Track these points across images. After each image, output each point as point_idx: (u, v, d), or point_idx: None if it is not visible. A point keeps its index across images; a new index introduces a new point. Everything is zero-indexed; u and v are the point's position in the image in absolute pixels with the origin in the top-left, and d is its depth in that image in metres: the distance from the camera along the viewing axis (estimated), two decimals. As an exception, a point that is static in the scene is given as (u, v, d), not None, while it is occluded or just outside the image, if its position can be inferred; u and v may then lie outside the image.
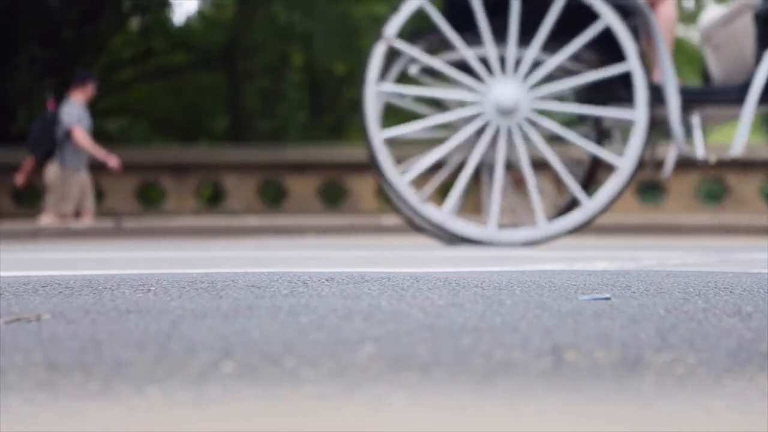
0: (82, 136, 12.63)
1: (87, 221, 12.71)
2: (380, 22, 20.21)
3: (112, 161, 12.84)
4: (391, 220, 12.10)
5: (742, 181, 14.58)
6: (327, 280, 2.77)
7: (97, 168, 14.69)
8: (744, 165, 14.56)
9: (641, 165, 6.65)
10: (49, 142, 12.73)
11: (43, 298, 2.46)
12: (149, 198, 15.73)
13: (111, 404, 1.49)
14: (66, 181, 12.65)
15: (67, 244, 9.55)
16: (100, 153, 12.86)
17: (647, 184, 15.44)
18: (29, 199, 15.27)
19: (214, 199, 16.27)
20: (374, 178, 14.80)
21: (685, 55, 20.62)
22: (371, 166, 6.71)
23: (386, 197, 8.32)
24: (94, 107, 20.45)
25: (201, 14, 21.70)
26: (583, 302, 2.31)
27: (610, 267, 4.48)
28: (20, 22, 17.41)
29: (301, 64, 20.44)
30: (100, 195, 14.69)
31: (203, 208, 15.15)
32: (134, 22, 20.93)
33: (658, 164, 7.24)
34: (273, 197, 15.20)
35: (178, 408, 1.47)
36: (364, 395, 1.52)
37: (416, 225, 7.14)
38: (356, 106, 20.72)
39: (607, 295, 2.44)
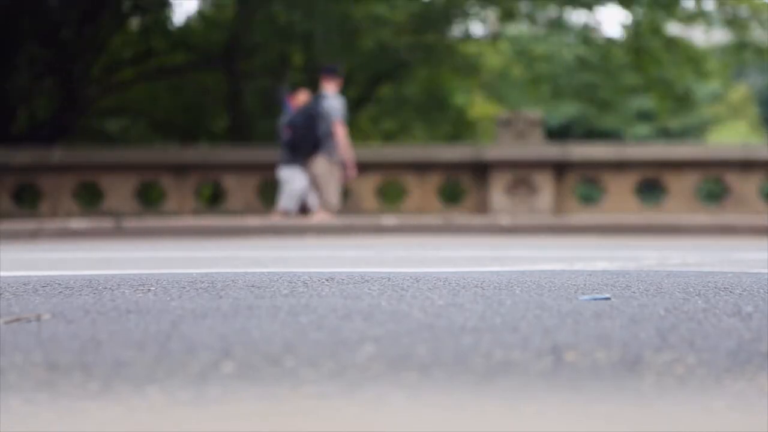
0: (342, 131, 12.51)
1: (322, 217, 12.67)
2: (380, 22, 20.21)
3: (351, 172, 12.95)
4: (391, 220, 12.10)
5: (742, 181, 14.58)
6: (327, 280, 2.77)
7: (96, 168, 14.68)
8: (744, 165, 14.55)
9: None
10: (313, 136, 12.52)
11: (43, 298, 2.46)
12: (149, 198, 15.72)
13: (111, 404, 1.49)
14: (333, 174, 12.61)
15: (67, 244, 9.54)
16: (347, 153, 12.97)
17: (647, 185, 15.44)
18: (29, 199, 15.26)
19: (214, 199, 16.26)
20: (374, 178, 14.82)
21: (685, 54, 20.59)
22: None
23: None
24: (94, 107, 20.46)
25: (201, 14, 21.68)
26: (583, 302, 2.31)
27: (610, 267, 4.48)
28: (20, 22, 17.40)
29: (301, 64, 20.43)
30: (100, 195, 14.69)
31: (203, 208, 15.14)
32: (134, 22, 20.92)
33: None
34: (273, 197, 15.20)
35: (178, 408, 1.47)
36: (364, 395, 1.52)
37: None
38: (357, 106, 20.58)
39: (607, 295, 2.44)
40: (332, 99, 12.68)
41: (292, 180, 12.99)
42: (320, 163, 12.70)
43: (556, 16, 20.76)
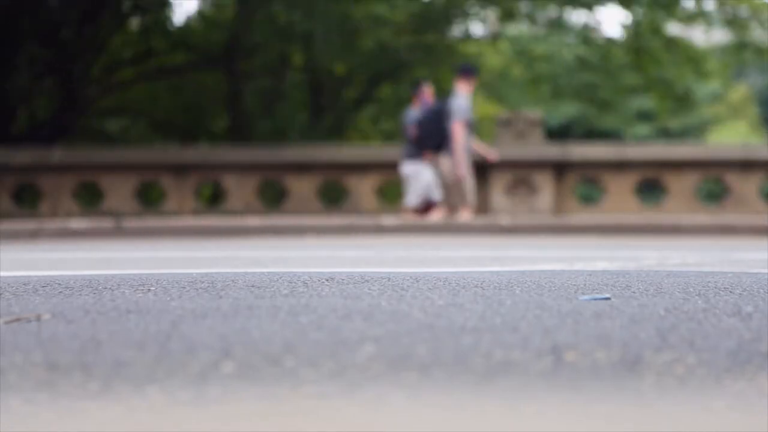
0: (461, 132, 12.49)
1: (439, 215, 12.65)
2: (380, 22, 20.19)
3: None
4: (391, 220, 12.10)
5: (742, 181, 14.58)
6: (327, 280, 2.77)
7: (96, 168, 14.68)
8: (744, 165, 14.55)
9: None
10: (440, 134, 12.49)
11: (43, 298, 2.46)
12: (149, 198, 15.72)
13: (111, 404, 1.49)
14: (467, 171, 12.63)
15: (67, 244, 9.54)
16: (480, 150, 12.99)
17: (647, 185, 15.44)
18: (29, 199, 15.26)
19: (214, 199, 16.25)
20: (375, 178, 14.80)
21: (685, 54, 20.59)
22: None
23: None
24: (94, 107, 20.45)
25: (201, 14, 21.68)
26: (583, 302, 2.31)
27: (610, 267, 4.48)
28: (20, 21, 17.40)
29: (301, 64, 20.43)
30: (100, 195, 14.69)
31: (203, 208, 15.14)
32: (134, 22, 20.92)
33: None
34: (273, 197, 15.20)
35: (178, 408, 1.47)
36: (364, 395, 1.52)
37: None
38: (355, 106, 20.60)
39: (607, 295, 2.44)
40: (461, 99, 12.63)
41: (418, 175, 12.94)
42: (447, 162, 12.68)
43: (556, 16, 20.76)
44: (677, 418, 1.40)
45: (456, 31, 21.46)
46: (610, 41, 21.53)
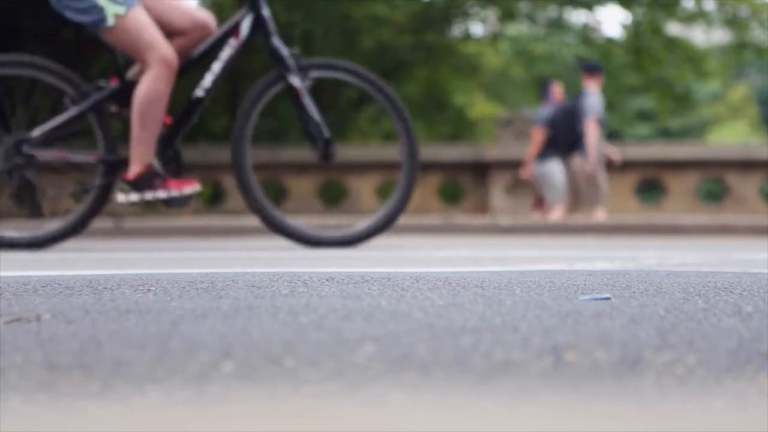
0: (594, 131, 12.51)
1: (557, 215, 12.65)
2: (380, 22, 20.17)
3: (616, 156, 13.03)
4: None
5: (742, 181, 14.58)
6: (327, 280, 2.77)
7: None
8: (744, 165, 14.56)
9: None
10: (572, 133, 12.51)
11: (43, 298, 2.46)
12: (149, 198, 15.71)
13: (111, 404, 1.49)
14: (600, 170, 12.65)
15: (67, 244, 9.54)
16: (610, 149, 13.02)
17: (647, 184, 15.44)
18: (29, 199, 15.24)
19: (214, 199, 16.26)
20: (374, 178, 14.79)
21: (685, 54, 20.59)
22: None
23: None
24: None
25: (201, 14, 21.71)
26: (583, 302, 2.31)
27: (610, 267, 4.48)
28: (20, 22, 17.40)
29: (301, 64, 20.47)
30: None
31: (203, 208, 15.14)
32: (134, 22, 20.92)
33: None
34: (273, 197, 15.21)
35: (178, 408, 1.47)
36: (364, 395, 1.52)
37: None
38: (355, 106, 20.57)
39: (607, 295, 2.44)
40: (593, 97, 12.65)
41: (552, 174, 12.93)
42: (579, 162, 12.69)
43: (556, 16, 20.75)
44: (677, 418, 1.40)
45: (456, 31, 21.45)
46: (610, 41, 21.52)
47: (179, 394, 1.54)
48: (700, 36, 24.49)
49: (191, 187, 6.53)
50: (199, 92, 6.62)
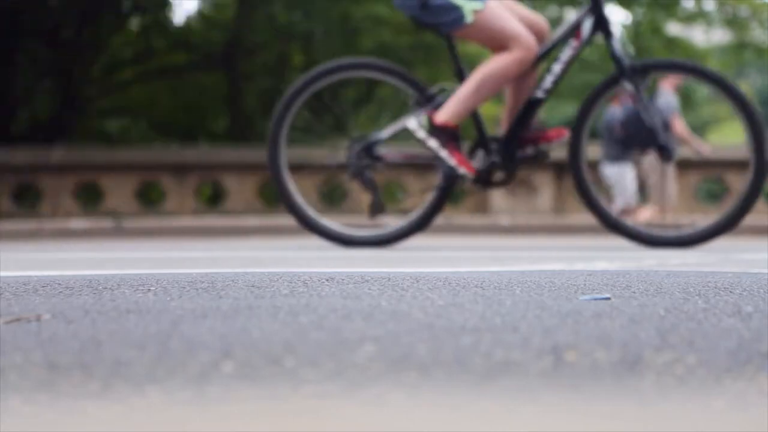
0: (682, 125, 12.53)
1: (647, 215, 12.61)
2: (380, 22, 20.15)
3: (705, 149, 12.97)
4: (390, 220, 12.10)
5: (742, 181, 14.58)
6: (327, 280, 2.77)
7: (96, 168, 14.67)
8: (744, 165, 14.55)
9: None
10: (646, 134, 12.47)
11: (43, 298, 2.46)
12: (149, 198, 15.73)
13: (111, 404, 1.49)
14: (663, 172, 12.63)
15: (67, 244, 9.55)
16: (695, 141, 12.96)
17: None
18: (29, 199, 15.26)
19: (214, 199, 16.26)
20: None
21: (685, 55, 20.60)
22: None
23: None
24: (94, 107, 20.44)
25: (201, 14, 21.70)
26: (583, 302, 2.31)
27: (610, 267, 4.48)
28: (20, 21, 17.40)
29: (301, 64, 20.45)
30: (100, 195, 14.69)
31: (203, 208, 15.14)
32: (134, 22, 20.93)
33: None
34: (273, 197, 15.20)
35: (178, 408, 1.47)
36: (364, 395, 1.52)
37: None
38: (356, 106, 20.61)
39: (607, 295, 2.44)
40: (668, 96, 12.65)
41: (624, 177, 12.92)
42: (652, 161, 12.69)
43: (556, 16, 20.75)
44: (677, 418, 1.40)
45: (456, 31, 21.40)
46: (610, 41, 21.48)
47: (179, 394, 1.54)
48: (700, 36, 24.49)
49: (465, 170, 6.42)
50: (539, 93, 6.55)
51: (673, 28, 21.52)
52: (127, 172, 14.59)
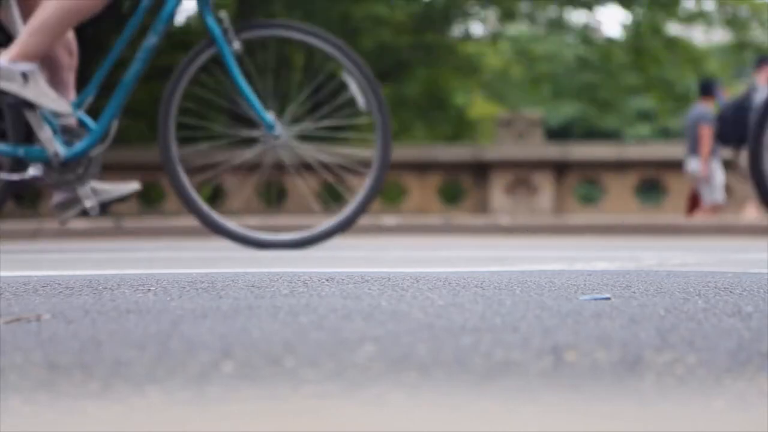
0: None
1: (753, 213, 12.51)
2: (380, 22, 20.18)
3: None
4: (391, 220, 12.10)
5: (741, 182, 14.57)
6: (327, 280, 2.77)
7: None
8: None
9: None
10: (741, 130, 12.38)
11: (43, 298, 2.46)
12: (149, 198, 15.72)
13: (111, 404, 1.49)
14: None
15: (67, 244, 9.55)
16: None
17: (647, 185, 15.43)
18: (29, 199, 15.25)
19: (214, 199, 16.27)
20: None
21: (685, 54, 20.60)
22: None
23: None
24: (94, 107, 20.41)
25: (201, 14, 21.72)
26: (583, 302, 2.31)
27: (610, 267, 4.48)
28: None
29: (301, 64, 20.47)
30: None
31: (203, 208, 15.12)
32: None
33: None
34: (273, 197, 15.21)
35: (178, 408, 1.47)
36: (364, 395, 1.52)
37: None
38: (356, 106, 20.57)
39: (607, 295, 2.44)
40: (763, 91, 12.51)
41: (713, 174, 12.88)
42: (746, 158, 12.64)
43: (556, 16, 20.75)
44: (677, 418, 1.40)
45: (456, 31, 21.45)
46: (610, 41, 21.53)
47: (179, 394, 1.54)
48: (700, 36, 24.49)
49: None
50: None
51: (673, 28, 21.51)
52: (127, 172, 14.60)
